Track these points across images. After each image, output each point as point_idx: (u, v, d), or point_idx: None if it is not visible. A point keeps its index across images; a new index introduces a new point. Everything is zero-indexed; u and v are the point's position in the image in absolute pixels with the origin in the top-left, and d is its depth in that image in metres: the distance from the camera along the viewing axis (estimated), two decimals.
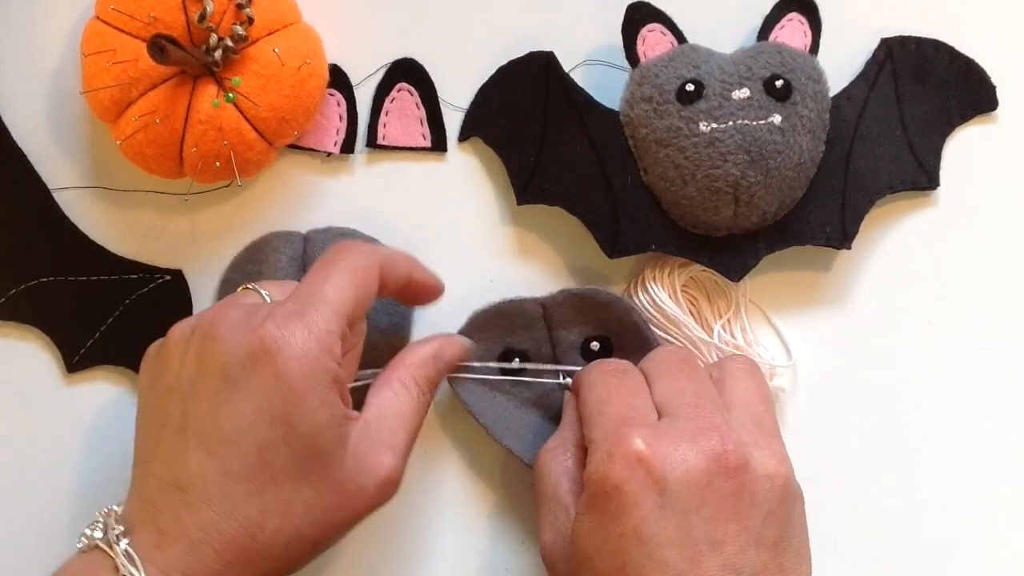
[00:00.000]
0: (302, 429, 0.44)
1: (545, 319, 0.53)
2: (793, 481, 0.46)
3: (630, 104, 0.54)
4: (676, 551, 0.43)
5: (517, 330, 0.53)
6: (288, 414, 0.44)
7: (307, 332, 0.45)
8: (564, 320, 0.53)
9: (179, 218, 0.57)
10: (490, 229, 0.57)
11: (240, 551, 0.44)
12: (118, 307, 0.56)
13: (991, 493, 0.57)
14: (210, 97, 0.51)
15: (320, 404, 0.44)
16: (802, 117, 0.52)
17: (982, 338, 0.57)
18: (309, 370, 0.44)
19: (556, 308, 0.53)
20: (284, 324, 0.45)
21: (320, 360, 0.44)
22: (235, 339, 0.45)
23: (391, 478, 0.47)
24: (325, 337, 0.45)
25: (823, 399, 0.57)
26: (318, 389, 0.44)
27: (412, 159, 0.57)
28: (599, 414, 0.47)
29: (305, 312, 0.45)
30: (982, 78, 0.57)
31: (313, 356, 0.44)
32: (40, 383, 0.56)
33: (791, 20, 0.54)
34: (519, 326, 0.53)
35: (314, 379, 0.44)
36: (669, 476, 0.43)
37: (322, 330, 0.45)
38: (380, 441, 0.47)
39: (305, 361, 0.44)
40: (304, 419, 0.44)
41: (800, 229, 0.54)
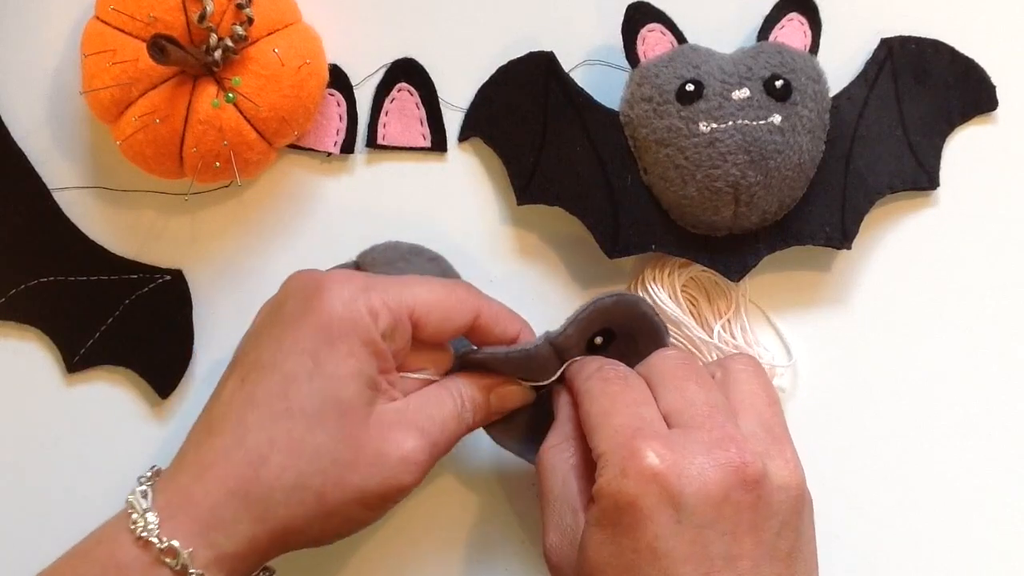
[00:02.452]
0: (328, 368, 0.45)
1: (556, 352, 0.50)
2: (806, 488, 0.46)
3: (630, 104, 0.54)
4: (691, 567, 0.42)
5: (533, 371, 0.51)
6: (318, 350, 0.45)
7: (361, 292, 0.46)
8: (572, 343, 0.50)
9: (179, 218, 0.56)
10: (490, 229, 0.57)
11: (242, 482, 0.44)
12: (118, 307, 0.56)
13: (992, 492, 0.57)
14: (210, 97, 0.51)
15: (350, 353, 0.45)
16: (802, 117, 0.52)
17: (982, 338, 0.57)
18: (348, 319, 0.45)
19: (565, 341, 0.50)
20: (347, 280, 0.47)
21: (361, 318, 0.46)
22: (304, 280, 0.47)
23: (413, 458, 0.46)
24: (377, 305, 0.46)
25: (823, 399, 0.57)
26: (351, 339, 0.45)
27: (412, 159, 0.57)
28: (605, 426, 0.45)
29: (375, 284, 0.47)
30: (982, 78, 0.57)
31: (356, 310, 0.46)
32: (40, 383, 0.56)
33: (791, 20, 0.54)
34: (534, 369, 0.51)
35: (350, 329, 0.45)
36: (685, 491, 0.42)
37: (377, 300, 0.46)
38: (412, 422, 0.47)
39: (346, 310, 0.46)
40: (331, 360, 0.45)
41: (800, 229, 0.54)
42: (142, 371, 0.56)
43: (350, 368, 0.45)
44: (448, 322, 0.49)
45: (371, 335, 0.46)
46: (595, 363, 0.49)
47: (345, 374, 0.45)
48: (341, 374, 0.45)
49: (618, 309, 0.50)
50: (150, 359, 0.56)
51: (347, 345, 0.45)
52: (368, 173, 0.57)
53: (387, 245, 0.55)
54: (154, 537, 0.44)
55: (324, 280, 0.47)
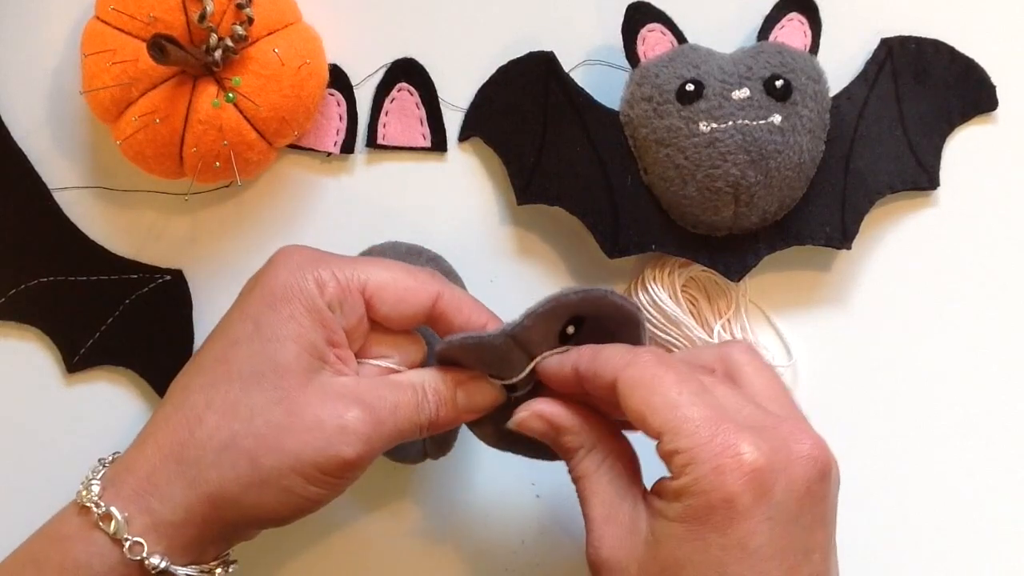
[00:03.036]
0: (267, 331, 0.44)
1: (518, 345, 0.47)
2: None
3: (630, 104, 0.54)
4: (777, 562, 0.41)
5: (494, 363, 0.48)
6: (259, 314, 0.45)
7: (311, 262, 0.46)
8: (537, 337, 0.47)
9: (179, 218, 0.56)
10: (490, 229, 0.57)
11: (176, 444, 0.44)
12: (118, 307, 0.56)
13: (992, 492, 0.57)
14: (210, 97, 0.51)
15: (290, 317, 0.45)
16: (802, 117, 0.52)
17: (982, 338, 0.57)
18: (292, 285, 0.45)
19: (525, 334, 0.47)
20: (300, 251, 0.46)
21: (305, 285, 0.45)
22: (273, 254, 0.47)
23: (353, 428, 0.44)
24: (325, 276, 0.45)
25: (823, 399, 0.57)
26: (293, 304, 0.45)
27: (412, 159, 0.57)
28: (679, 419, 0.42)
29: (330, 258, 0.46)
30: (982, 78, 0.57)
31: (301, 277, 0.45)
32: (40, 383, 0.56)
33: (791, 20, 0.54)
34: (493, 360, 0.48)
35: (293, 295, 0.45)
36: (777, 486, 0.41)
37: (326, 271, 0.46)
38: (359, 397, 0.45)
39: (291, 276, 0.45)
40: (271, 323, 0.44)
41: (800, 229, 0.54)
42: (142, 371, 0.56)
43: (290, 331, 0.44)
44: (404, 304, 0.47)
45: (315, 303, 0.45)
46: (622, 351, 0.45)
47: (284, 336, 0.44)
48: (280, 336, 0.44)
49: (585, 304, 0.47)
50: (150, 359, 0.56)
51: (288, 309, 0.45)
52: (368, 173, 0.57)
53: (387, 245, 0.55)
54: (91, 503, 0.44)
55: (280, 252, 0.47)
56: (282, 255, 0.47)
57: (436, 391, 0.47)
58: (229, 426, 0.44)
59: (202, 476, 0.44)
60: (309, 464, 0.44)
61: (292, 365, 0.44)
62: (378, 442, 0.45)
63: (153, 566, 0.43)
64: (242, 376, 0.44)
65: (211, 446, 0.44)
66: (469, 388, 0.48)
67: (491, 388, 0.49)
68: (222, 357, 0.45)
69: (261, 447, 0.43)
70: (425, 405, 0.47)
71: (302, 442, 0.43)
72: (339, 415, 0.44)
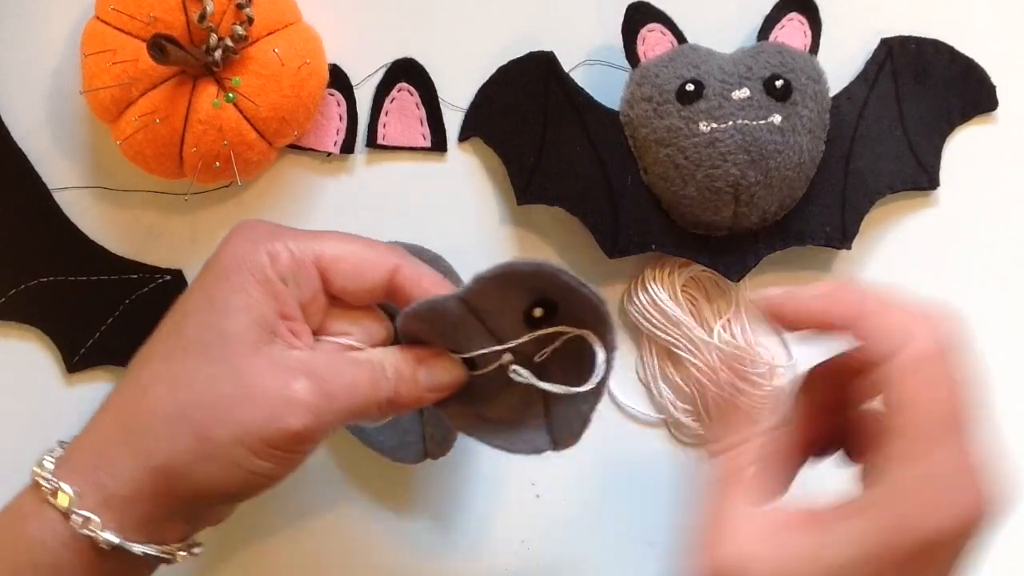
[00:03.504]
0: (217, 302, 0.44)
1: (473, 313, 0.45)
2: None
3: (630, 104, 0.54)
4: None
5: (448, 332, 0.46)
6: (210, 286, 0.44)
7: (265, 236, 0.45)
8: (492, 308, 0.45)
9: (179, 218, 0.57)
10: (490, 229, 0.57)
11: (123, 415, 0.44)
12: (118, 307, 0.56)
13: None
14: (210, 97, 0.51)
15: (240, 287, 0.44)
16: (802, 117, 0.52)
17: (982, 338, 0.57)
18: (243, 256, 0.44)
19: (479, 299, 0.44)
20: (255, 225, 0.46)
21: (256, 256, 0.44)
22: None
23: (299, 399, 0.43)
24: (277, 248, 0.44)
25: None
26: (242, 275, 0.44)
27: (412, 159, 0.57)
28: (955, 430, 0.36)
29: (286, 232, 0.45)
30: (982, 78, 0.57)
31: (252, 250, 0.44)
32: (40, 383, 0.56)
33: (791, 20, 0.54)
34: (448, 328, 0.46)
35: (242, 266, 0.44)
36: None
37: (279, 244, 0.45)
38: (310, 369, 0.44)
39: (242, 249, 0.44)
40: (220, 293, 0.44)
41: (800, 229, 0.54)
42: None
43: (238, 302, 0.44)
44: (361, 276, 0.46)
45: (265, 274, 0.44)
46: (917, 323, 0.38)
47: (232, 307, 0.43)
48: (228, 307, 0.44)
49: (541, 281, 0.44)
50: None
51: (238, 280, 0.44)
52: (368, 173, 0.57)
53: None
54: (42, 479, 0.44)
55: (236, 225, 0.46)
56: (238, 228, 0.46)
57: (396, 369, 0.46)
58: (176, 397, 0.43)
59: (149, 448, 0.43)
60: (255, 436, 0.42)
61: (240, 336, 0.43)
62: (328, 416, 0.43)
63: (105, 541, 0.42)
64: (191, 347, 0.43)
65: (158, 417, 0.43)
66: (432, 365, 0.46)
67: (453, 365, 0.47)
68: (174, 329, 0.45)
69: (207, 418, 0.42)
70: (383, 382, 0.45)
71: (247, 412, 0.42)
72: (286, 383, 0.43)
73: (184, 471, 0.43)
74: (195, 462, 0.42)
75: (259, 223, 0.46)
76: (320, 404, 0.43)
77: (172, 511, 0.44)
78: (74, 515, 0.43)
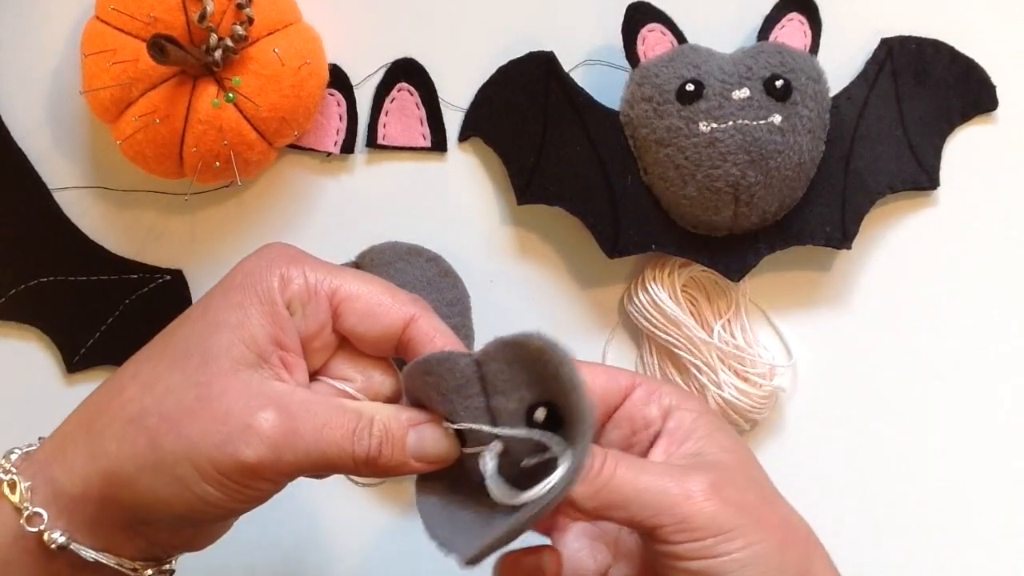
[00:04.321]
0: (211, 315, 0.42)
1: (481, 381, 0.41)
2: None
3: (630, 104, 0.54)
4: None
5: (449, 394, 0.42)
6: (213, 297, 0.43)
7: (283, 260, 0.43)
8: (500, 382, 0.41)
9: (179, 218, 0.57)
10: (490, 229, 0.57)
11: (91, 413, 0.43)
12: (118, 307, 0.56)
13: (991, 491, 0.57)
14: (210, 97, 0.51)
15: (238, 303, 0.42)
16: (802, 117, 0.52)
17: (982, 337, 0.57)
18: (252, 274, 0.43)
19: (490, 364, 0.41)
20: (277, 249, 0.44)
21: (266, 277, 0.42)
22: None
23: (261, 431, 0.40)
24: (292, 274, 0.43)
25: (823, 399, 0.57)
26: (246, 291, 0.42)
27: (412, 159, 0.57)
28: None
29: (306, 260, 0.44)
30: (982, 78, 0.57)
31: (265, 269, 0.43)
32: (40, 383, 0.56)
33: (791, 20, 0.54)
34: (451, 389, 0.42)
35: (249, 283, 0.42)
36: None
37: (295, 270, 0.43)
38: (283, 404, 0.41)
39: (254, 267, 0.43)
40: (218, 306, 0.42)
41: (800, 229, 0.54)
42: None
43: (231, 318, 0.42)
44: (373, 320, 0.43)
45: (270, 295, 0.42)
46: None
47: (224, 322, 0.42)
48: (220, 321, 0.42)
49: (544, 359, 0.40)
50: None
51: (239, 297, 0.42)
52: (368, 173, 0.57)
53: (387, 245, 0.55)
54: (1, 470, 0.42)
55: (263, 246, 0.44)
56: (262, 249, 0.44)
57: (384, 426, 0.42)
58: (141, 400, 0.41)
59: (103, 447, 0.41)
60: (204, 457, 0.40)
61: (221, 353, 0.41)
62: (289, 454, 0.40)
63: (52, 540, 0.41)
64: (174, 354, 0.42)
65: (120, 417, 0.41)
66: (423, 433, 0.43)
67: (446, 437, 0.43)
68: (167, 333, 0.44)
69: (162, 426, 0.40)
70: (363, 436, 0.42)
71: (202, 430, 0.40)
72: (251, 412, 0.40)
73: (130, 478, 0.41)
74: (141, 471, 0.41)
75: (285, 247, 0.44)
76: (280, 441, 0.40)
77: (120, 520, 0.42)
78: (23, 510, 0.41)
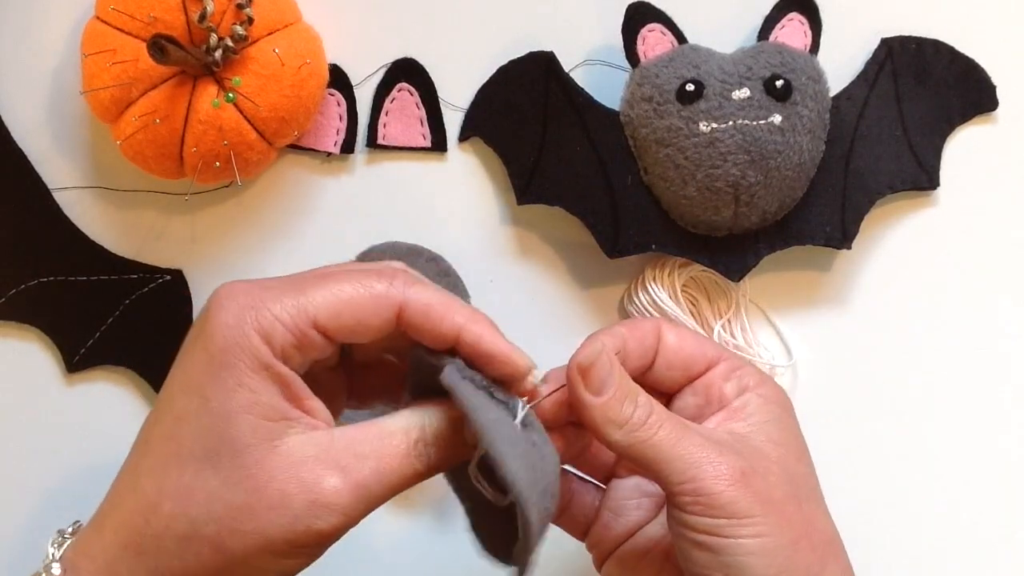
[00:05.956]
0: (214, 404, 0.39)
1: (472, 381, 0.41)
2: None
3: (630, 104, 0.54)
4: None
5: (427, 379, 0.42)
6: (204, 385, 0.40)
7: (248, 310, 0.40)
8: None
9: (179, 218, 0.57)
10: (490, 229, 0.57)
11: (134, 534, 0.40)
12: (118, 307, 0.56)
13: (991, 491, 0.57)
14: (210, 97, 0.51)
15: (238, 384, 0.39)
16: (802, 117, 0.52)
17: (982, 337, 0.57)
18: (235, 345, 0.40)
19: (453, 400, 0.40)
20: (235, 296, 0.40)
21: (249, 342, 0.40)
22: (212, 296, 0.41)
23: (326, 501, 0.39)
24: (267, 324, 0.40)
25: (823, 399, 0.57)
26: (238, 368, 0.39)
27: (412, 159, 0.57)
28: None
29: (267, 297, 0.40)
30: (982, 78, 0.57)
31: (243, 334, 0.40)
32: (40, 383, 0.56)
33: (791, 20, 0.54)
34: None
35: (237, 357, 0.40)
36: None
37: (267, 317, 0.40)
38: (334, 459, 0.40)
39: (231, 335, 0.40)
40: (217, 394, 0.39)
41: (800, 229, 0.54)
42: (142, 371, 0.56)
43: (240, 401, 0.39)
44: (365, 326, 0.41)
45: (264, 359, 0.40)
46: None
47: (234, 408, 0.39)
48: (229, 409, 0.39)
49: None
50: (150, 359, 0.56)
51: (234, 376, 0.39)
52: (368, 173, 0.57)
53: (386, 245, 0.55)
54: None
55: (214, 299, 0.41)
56: (216, 302, 0.41)
57: (436, 431, 0.42)
58: (186, 513, 0.39)
59: (164, 566, 0.40)
60: (279, 542, 0.39)
61: (248, 439, 0.39)
62: (359, 508, 0.40)
63: None
64: (195, 457, 0.40)
65: (170, 536, 0.40)
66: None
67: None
68: (169, 435, 0.41)
69: (223, 532, 0.39)
70: (420, 453, 0.41)
71: (268, 521, 0.39)
72: (309, 487, 0.39)
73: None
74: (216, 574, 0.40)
75: (235, 291, 0.41)
76: (349, 502, 0.40)
77: None
78: None
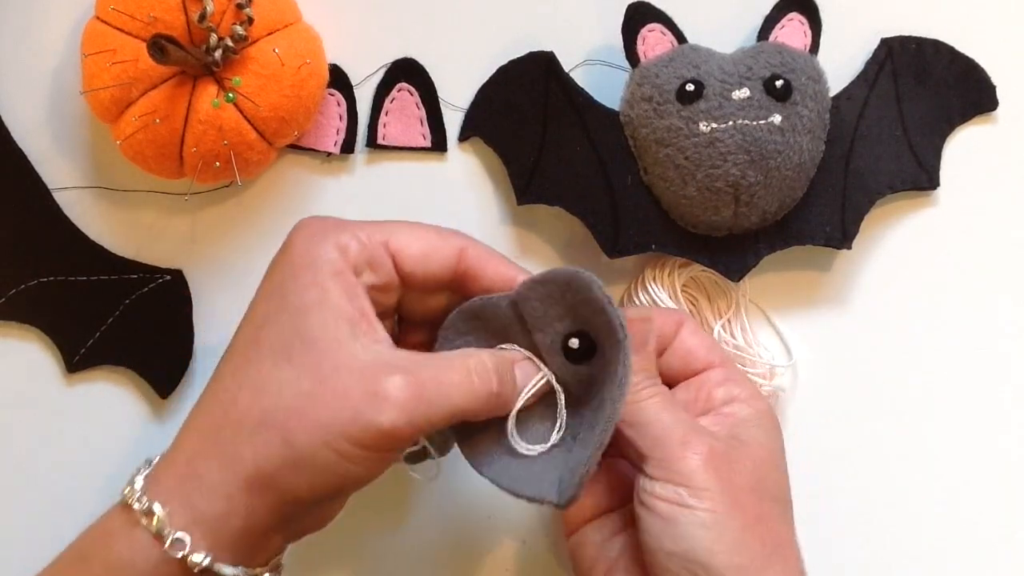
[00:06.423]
0: (292, 301, 0.43)
1: (519, 320, 0.46)
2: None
3: (630, 104, 0.54)
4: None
5: (498, 335, 0.47)
6: (284, 285, 0.44)
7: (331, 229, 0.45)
8: (537, 318, 0.46)
9: (179, 218, 0.57)
10: (490, 229, 0.57)
11: (213, 428, 0.43)
12: (118, 307, 0.56)
13: (991, 491, 0.57)
14: (210, 97, 0.51)
15: (313, 283, 0.43)
16: (802, 117, 0.52)
17: (982, 337, 0.57)
18: (313, 252, 0.44)
19: (526, 305, 0.46)
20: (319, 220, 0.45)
21: (326, 250, 0.44)
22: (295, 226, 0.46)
23: (386, 394, 0.41)
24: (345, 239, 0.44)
25: (823, 399, 0.57)
26: (315, 270, 0.43)
27: (412, 159, 0.57)
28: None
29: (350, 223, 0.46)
30: (982, 78, 0.57)
31: (321, 244, 0.44)
32: (40, 383, 0.56)
33: (791, 20, 0.54)
34: (497, 330, 0.47)
35: (314, 261, 0.44)
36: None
37: (346, 234, 0.45)
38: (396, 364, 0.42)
39: (311, 243, 0.44)
40: (295, 293, 0.43)
41: (800, 229, 0.54)
42: (142, 371, 0.56)
43: (314, 298, 0.43)
44: (430, 259, 0.46)
45: (338, 267, 0.44)
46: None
47: (309, 304, 0.43)
48: (305, 305, 0.43)
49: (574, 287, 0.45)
50: (150, 359, 0.56)
51: (311, 275, 0.43)
52: (368, 173, 0.57)
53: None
54: (135, 501, 0.43)
55: (297, 226, 0.46)
56: (299, 228, 0.45)
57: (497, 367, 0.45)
58: (260, 402, 0.42)
59: (238, 456, 0.42)
60: (341, 436, 0.41)
61: (320, 333, 0.42)
62: (419, 409, 0.41)
63: (195, 564, 0.41)
64: (273, 352, 0.43)
65: (246, 425, 0.42)
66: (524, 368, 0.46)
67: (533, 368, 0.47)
68: (252, 338, 0.44)
69: (291, 421, 0.41)
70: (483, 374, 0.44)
71: (330, 413, 0.41)
72: (372, 379, 0.41)
73: (272, 479, 0.41)
74: (282, 468, 0.41)
75: (320, 219, 0.46)
76: (409, 400, 0.41)
77: (264, 526, 0.43)
78: (165, 536, 0.42)
